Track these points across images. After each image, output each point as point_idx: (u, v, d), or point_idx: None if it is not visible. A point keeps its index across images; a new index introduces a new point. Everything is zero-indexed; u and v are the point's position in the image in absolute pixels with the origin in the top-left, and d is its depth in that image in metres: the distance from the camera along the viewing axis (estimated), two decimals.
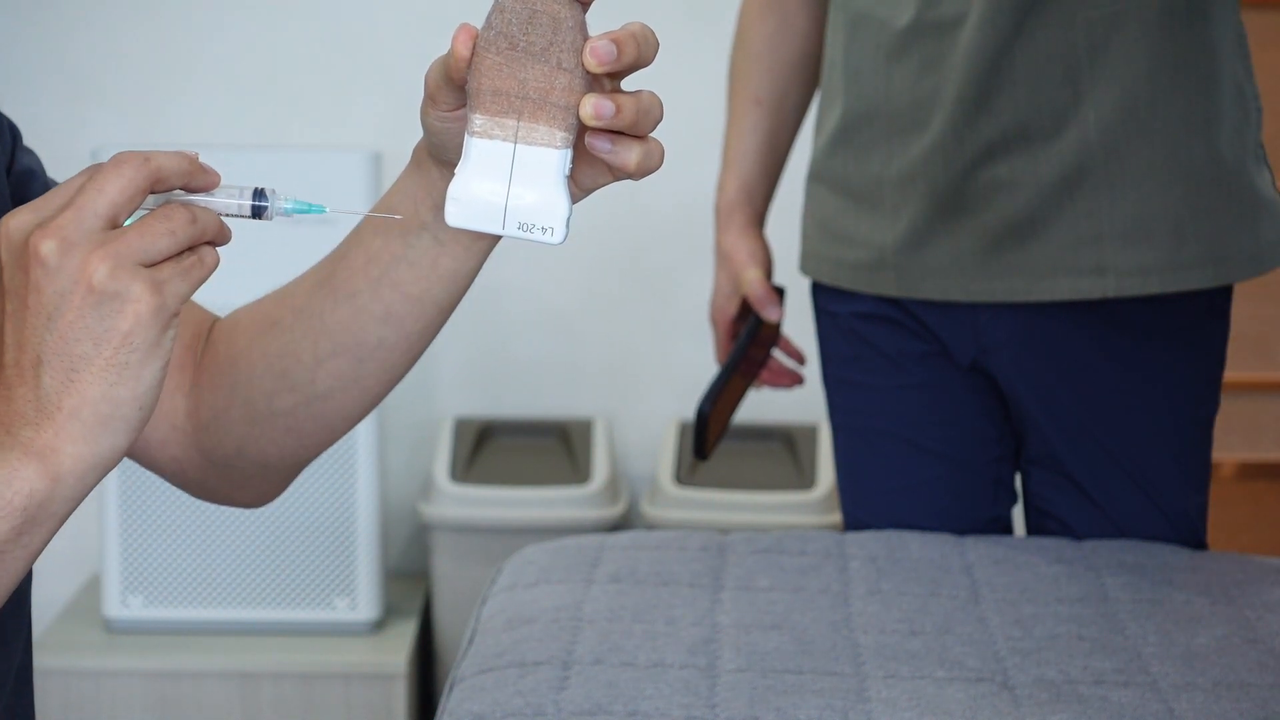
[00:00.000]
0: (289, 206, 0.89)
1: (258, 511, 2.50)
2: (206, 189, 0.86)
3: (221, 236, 0.85)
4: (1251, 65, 1.61)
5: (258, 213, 0.88)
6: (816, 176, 1.72)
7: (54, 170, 1.13)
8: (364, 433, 2.54)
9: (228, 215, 0.87)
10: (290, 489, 1.14)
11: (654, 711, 1.26)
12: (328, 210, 0.90)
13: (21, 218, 0.81)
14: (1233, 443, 3.44)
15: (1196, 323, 1.61)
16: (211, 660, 2.51)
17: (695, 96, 2.49)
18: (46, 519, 0.81)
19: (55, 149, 1.95)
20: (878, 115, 1.63)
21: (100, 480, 0.83)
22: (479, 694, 1.30)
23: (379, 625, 2.60)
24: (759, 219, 1.81)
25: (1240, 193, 1.57)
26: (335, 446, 2.50)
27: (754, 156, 1.80)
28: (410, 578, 2.85)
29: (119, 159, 0.82)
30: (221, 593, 2.55)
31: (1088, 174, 1.55)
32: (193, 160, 0.85)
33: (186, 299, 0.82)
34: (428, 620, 2.75)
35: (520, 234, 0.88)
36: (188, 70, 2.83)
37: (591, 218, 2.83)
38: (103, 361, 0.80)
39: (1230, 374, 1.69)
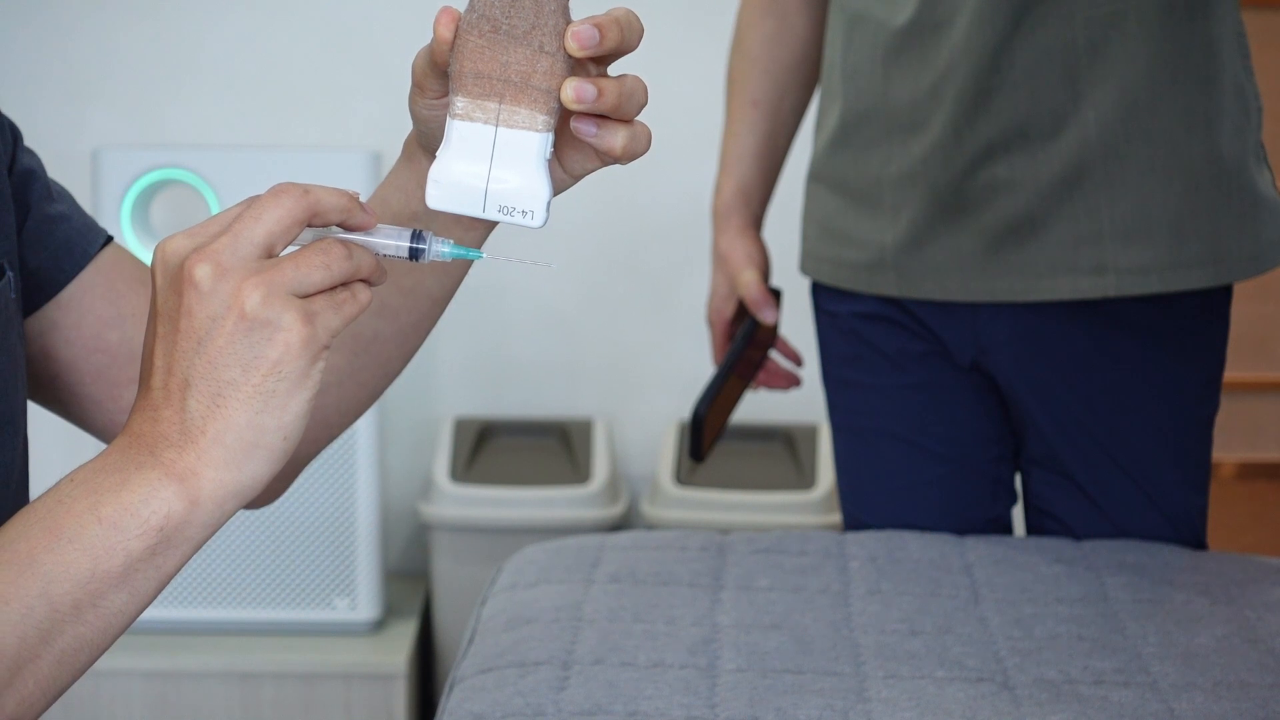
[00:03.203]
0: (446, 250, 0.89)
1: (257, 511, 2.50)
2: (363, 228, 0.86)
3: (377, 275, 0.85)
4: (1251, 64, 1.61)
5: (415, 255, 0.88)
6: (816, 177, 1.72)
7: (54, 170, 1.13)
8: (364, 433, 2.54)
9: (384, 256, 0.87)
10: (290, 489, 1.14)
11: (654, 711, 1.26)
12: (485, 255, 0.90)
13: (178, 242, 0.81)
14: (1233, 443, 3.44)
15: (1196, 323, 1.61)
16: (211, 660, 2.51)
17: (695, 95, 2.50)
18: (181, 542, 0.81)
19: (55, 149, 1.95)
20: (876, 115, 1.63)
21: (238, 508, 0.82)
22: (479, 694, 1.30)
23: (379, 625, 2.60)
24: (756, 221, 1.81)
25: (1240, 192, 1.57)
26: (335, 446, 2.50)
27: (751, 158, 1.79)
28: (410, 578, 2.85)
29: (278, 190, 0.82)
30: (221, 593, 2.55)
31: (1087, 173, 1.55)
32: (352, 198, 0.84)
33: (337, 333, 0.82)
34: (428, 620, 2.75)
35: (501, 217, 0.89)
36: (188, 70, 2.83)
37: (592, 218, 2.84)
38: (250, 388, 0.79)
39: (1230, 374, 1.69)
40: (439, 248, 0.88)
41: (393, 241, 0.87)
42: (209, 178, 2.43)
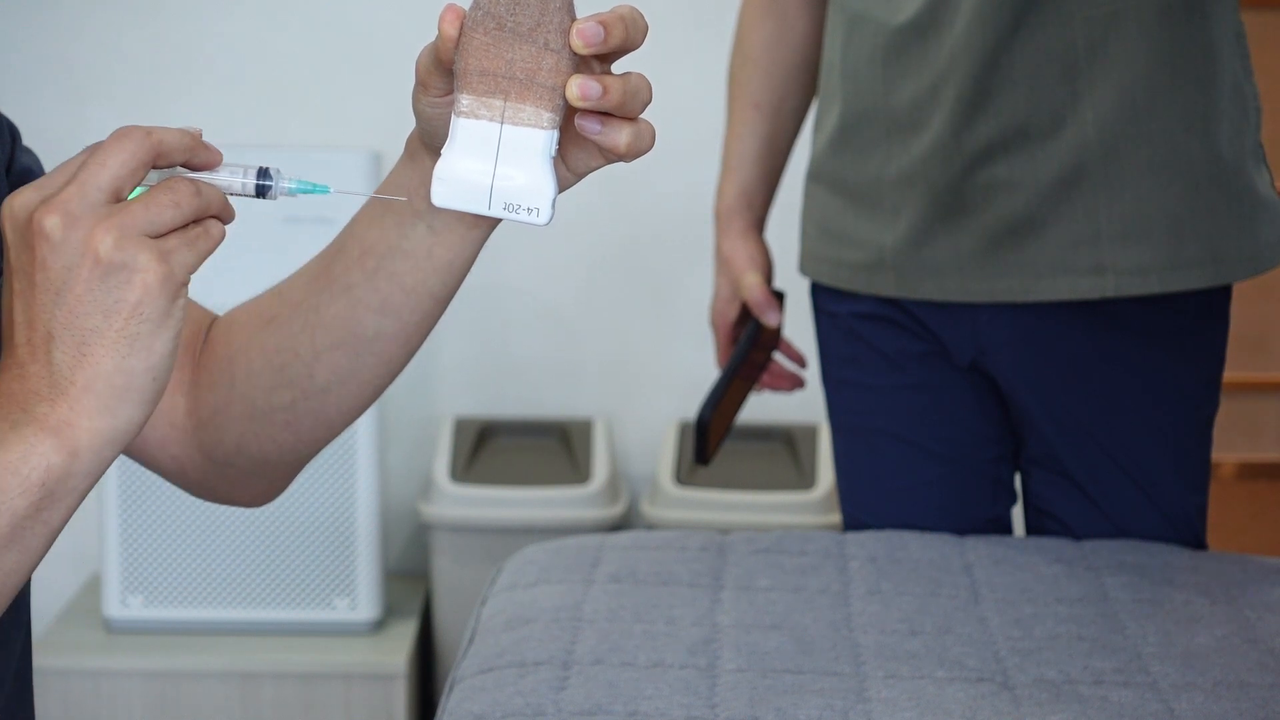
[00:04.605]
0: (292, 186, 0.89)
1: (258, 511, 2.50)
2: (208, 166, 0.86)
3: (226, 213, 0.85)
4: (1250, 64, 1.61)
5: (261, 192, 0.88)
6: (816, 177, 1.72)
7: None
8: (364, 433, 2.54)
9: (231, 194, 0.87)
10: (290, 489, 1.14)
11: (654, 711, 1.26)
12: (331, 190, 0.90)
13: (25, 196, 0.82)
14: (1233, 443, 3.44)
15: (1195, 323, 1.61)
16: (211, 660, 2.51)
17: (697, 96, 2.50)
18: (65, 494, 0.81)
19: (55, 149, 1.94)
20: (876, 115, 1.63)
21: (117, 454, 0.83)
22: (479, 694, 1.30)
23: (379, 625, 2.60)
24: (758, 223, 1.81)
25: (1239, 192, 1.57)
26: (335, 446, 2.50)
27: (753, 161, 1.79)
28: (410, 578, 2.85)
29: (120, 134, 0.82)
30: (221, 593, 2.55)
31: (1086, 173, 1.55)
32: (195, 136, 0.85)
33: (193, 269, 0.82)
34: (428, 620, 2.75)
35: (506, 214, 0.89)
36: (188, 70, 2.83)
37: (593, 218, 2.84)
38: (113, 333, 0.80)
39: (1230, 374, 1.69)
40: (285, 184, 0.88)
41: (238, 179, 0.87)
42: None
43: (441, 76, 0.90)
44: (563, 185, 0.93)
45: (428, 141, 0.97)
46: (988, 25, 1.53)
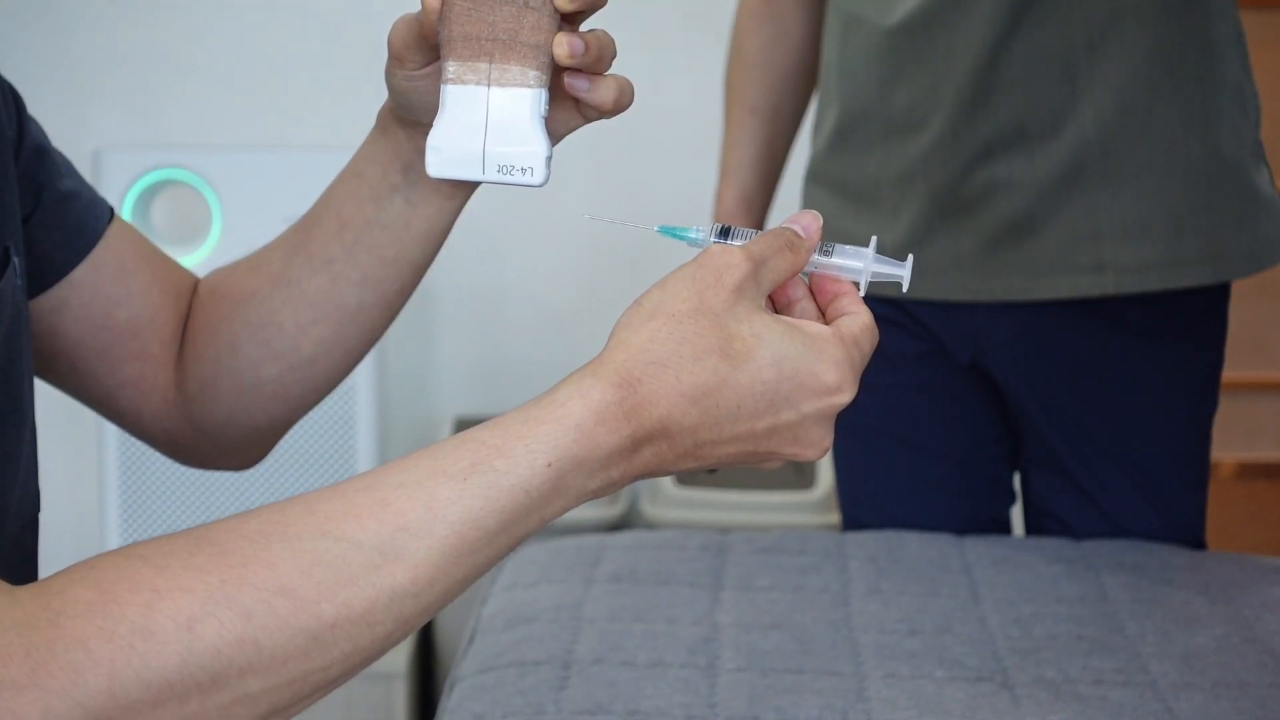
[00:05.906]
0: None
1: None
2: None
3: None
4: (1250, 63, 1.61)
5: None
6: (815, 178, 1.72)
7: None
8: (364, 432, 2.53)
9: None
10: (291, 488, 1.15)
11: (654, 711, 1.26)
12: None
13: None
14: (1232, 442, 3.44)
15: (1194, 321, 1.62)
16: None
17: (696, 98, 2.50)
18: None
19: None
20: (873, 116, 1.63)
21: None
22: (479, 694, 1.30)
23: None
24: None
25: (1239, 189, 1.57)
26: (335, 446, 2.50)
27: (751, 166, 1.80)
28: None
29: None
30: None
31: (1086, 172, 1.55)
32: (795, 268, 0.90)
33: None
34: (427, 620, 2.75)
35: (501, 178, 0.89)
36: (188, 70, 2.83)
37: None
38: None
39: (1229, 374, 1.70)
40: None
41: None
42: (209, 178, 2.43)
43: (420, 51, 0.92)
44: None
45: (402, 115, 0.98)
46: (986, 25, 1.53)
